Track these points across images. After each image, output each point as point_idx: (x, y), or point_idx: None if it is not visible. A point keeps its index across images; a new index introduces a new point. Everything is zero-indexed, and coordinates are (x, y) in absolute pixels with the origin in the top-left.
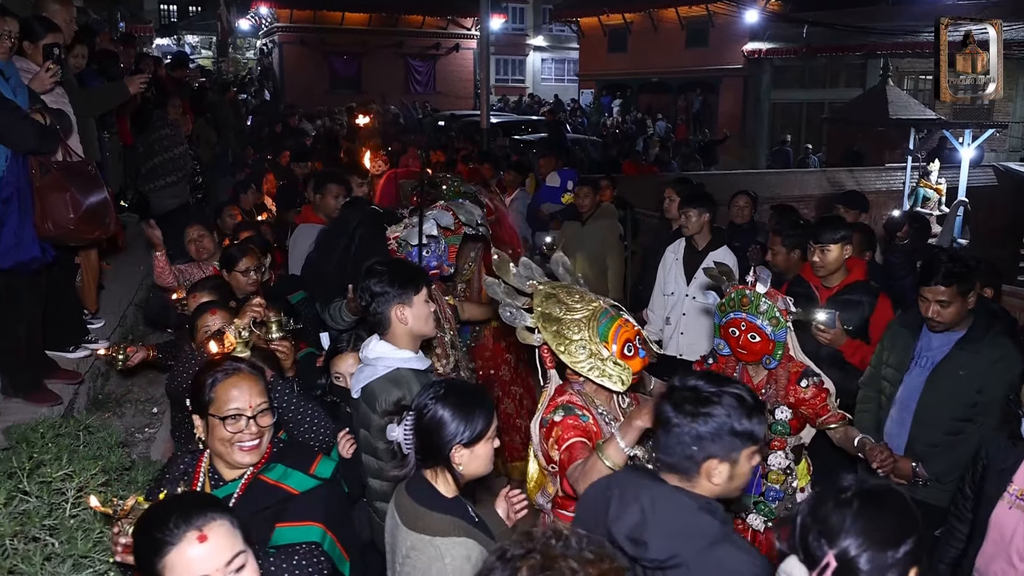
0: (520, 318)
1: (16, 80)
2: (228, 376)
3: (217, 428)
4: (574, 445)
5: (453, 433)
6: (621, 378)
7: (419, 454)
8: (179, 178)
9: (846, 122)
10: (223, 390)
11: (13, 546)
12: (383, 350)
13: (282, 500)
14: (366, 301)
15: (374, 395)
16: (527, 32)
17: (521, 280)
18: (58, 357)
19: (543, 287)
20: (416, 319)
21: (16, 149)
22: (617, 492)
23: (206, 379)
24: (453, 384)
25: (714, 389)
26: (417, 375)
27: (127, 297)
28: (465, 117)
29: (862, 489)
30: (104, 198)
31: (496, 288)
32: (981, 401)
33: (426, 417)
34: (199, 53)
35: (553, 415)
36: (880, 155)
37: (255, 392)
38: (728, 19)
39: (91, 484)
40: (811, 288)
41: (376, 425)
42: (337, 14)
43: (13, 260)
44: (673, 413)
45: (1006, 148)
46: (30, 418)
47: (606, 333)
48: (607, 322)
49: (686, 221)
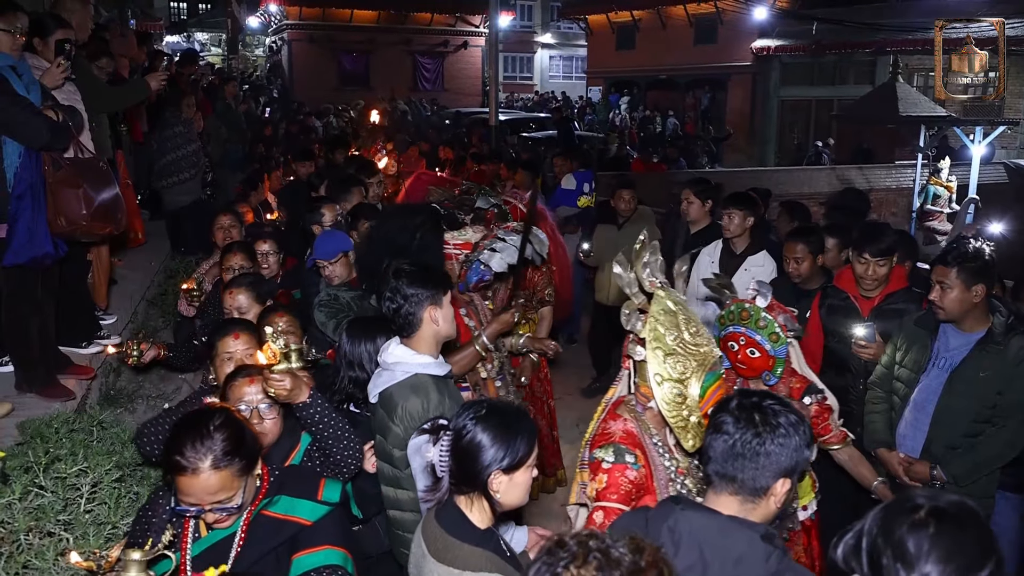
0: (635, 324)
1: (28, 77)
2: (183, 472)
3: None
4: (610, 512)
5: (493, 457)
6: (697, 438)
7: (454, 478)
8: (192, 175)
9: (855, 119)
10: (178, 481)
11: (28, 541)
12: (402, 355)
13: (293, 534)
14: (397, 303)
15: (392, 401)
16: (535, 29)
17: (650, 274)
18: (71, 352)
19: (664, 296)
20: (446, 320)
21: (29, 145)
22: (667, 529)
23: (168, 455)
24: (495, 405)
25: (779, 407)
26: (436, 381)
27: (138, 293)
28: (472, 115)
29: (936, 508)
30: (116, 194)
31: (623, 273)
32: (1001, 403)
33: (465, 438)
34: (209, 50)
35: (604, 454)
36: (890, 152)
37: (212, 490)
38: (737, 16)
39: (106, 480)
40: (850, 299)
41: (394, 432)
42: (346, 11)
43: (26, 256)
44: (740, 433)
45: (1016, 145)
46: (43, 413)
47: (706, 390)
48: (712, 377)
49: (728, 223)
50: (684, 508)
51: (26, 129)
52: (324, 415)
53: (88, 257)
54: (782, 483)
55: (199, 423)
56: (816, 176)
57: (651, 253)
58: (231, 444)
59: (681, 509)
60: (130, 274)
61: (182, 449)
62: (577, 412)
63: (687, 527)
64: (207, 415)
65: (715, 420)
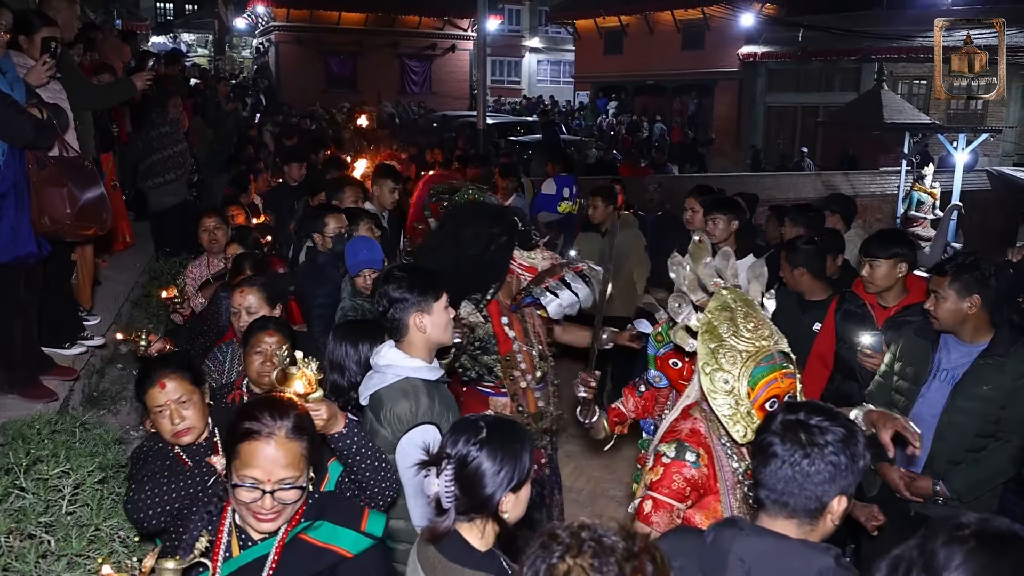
0: (687, 315)
1: (12, 75)
2: (256, 438)
3: (235, 490)
4: (659, 504)
5: (502, 480)
6: (748, 429)
7: (461, 506)
8: (178, 176)
9: (841, 126)
10: (246, 451)
11: (8, 544)
12: (394, 358)
13: (333, 565)
14: (383, 307)
15: (381, 403)
16: (523, 33)
17: (710, 275)
18: (53, 353)
19: (726, 294)
20: (435, 327)
21: (13, 144)
22: (735, 558)
23: (238, 426)
24: (491, 424)
25: (829, 422)
26: (427, 386)
27: (123, 294)
28: (459, 118)
29: (984, 529)
30: (101, 194)
31: (681, 271)
32: (1005, 417)
33: (470, 465)
34: (195, 51)
35: (667, 449)
36: (875, 159)
37: (282, 463)
38: (724, 22)
39: (88, 481)
40: (867, 307)
41: (381, 436)
42: (334, 14)
43: (9, 255)
44: (790, 451)
45: (999, 153)
46: (25, 414)
47: (758, 379)
48: (766, 369)
49: (712, 228)
50: (748, 533)
51: (10, 127)
52: (361, 444)
53: (72, 257)
54: (838, 501)
55: (272, 399)
56: (801, 182)
57: (722, 257)
58: (305, 420)
59: (745, 535)
60: (114, 275)
61: (259, 416)
62: None
63: (754, 552)
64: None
65: (760, 441)
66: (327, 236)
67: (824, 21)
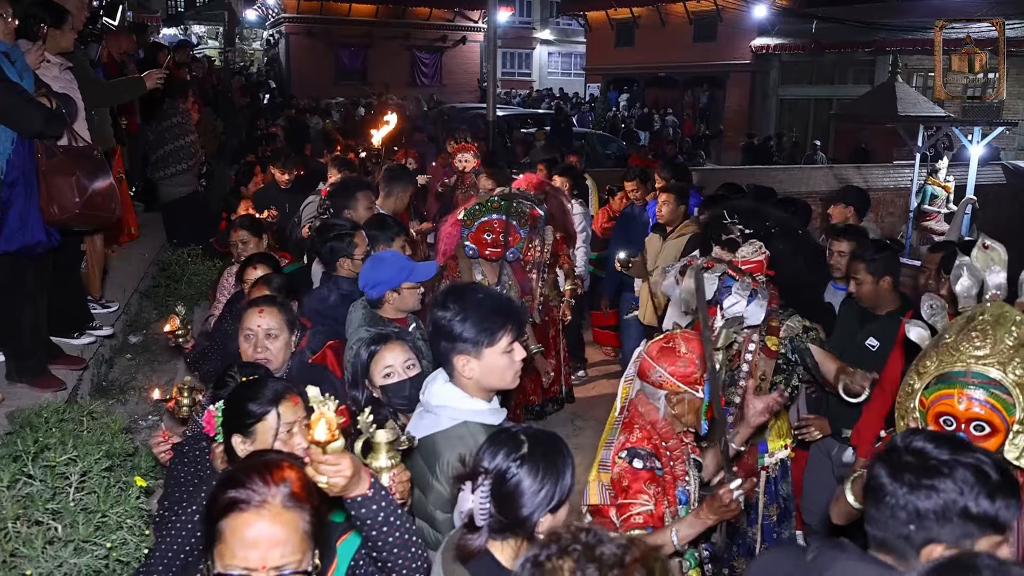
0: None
1: (22, 63)
2: (243, 509)
3: None
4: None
5: (543, 499)
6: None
7: (496, 524)
8: (188, 167)
9: (854, 119)
10: (232, 528)
11: (16, 529)
12: (448, 397)
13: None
14: (431, 329)
15: (436, 453)
16: (534, 25)
17: (993, 286)
18: (62, 343)
19: (996, 306)
20: (491, 371)
21: (22, 132)
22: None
23: (220, 496)
24: (533, 437)
25: (946, 457)
26: (488, 431)
27: (132, 285)
28: (469, 110)
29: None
30: (110, 183)
31: (967, 277)
32: None
33: (510, 482)
34: (206, 43)
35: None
36: (888, 152)
37: (278, 541)
38: (736, 14)
39: (95, 469)
40: None
41: (436, 492)
42: (344, 5)
43: (18, 243)
44: (888, 481)
45: (1015, 146)
46: (34, 403)
47: (931, 393)
48: (944, 385)
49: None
50: (851, 557)
51: (19, 116)
52: (389, 513)
53: (82, 247)
54: (942, 549)
55: (261, 459)
56: (814, 175)
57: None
58: (305, 485)
59: (847, 557)
60: (124, 265)
61: (246, 480)
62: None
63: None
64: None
65: (872, 471)
66: (356, 259)
67: (838, 13)
